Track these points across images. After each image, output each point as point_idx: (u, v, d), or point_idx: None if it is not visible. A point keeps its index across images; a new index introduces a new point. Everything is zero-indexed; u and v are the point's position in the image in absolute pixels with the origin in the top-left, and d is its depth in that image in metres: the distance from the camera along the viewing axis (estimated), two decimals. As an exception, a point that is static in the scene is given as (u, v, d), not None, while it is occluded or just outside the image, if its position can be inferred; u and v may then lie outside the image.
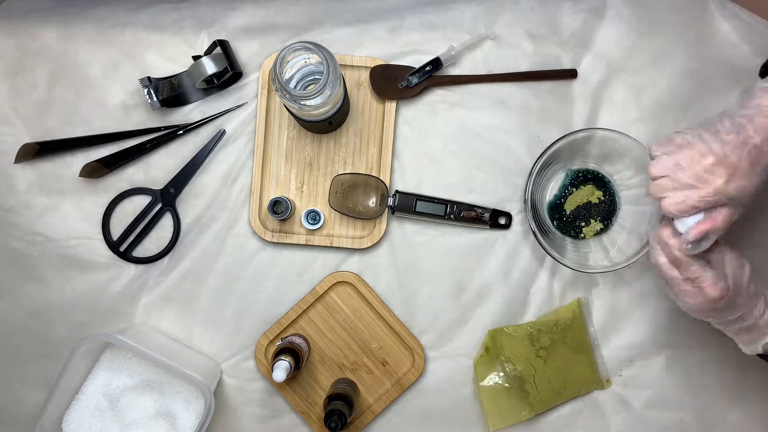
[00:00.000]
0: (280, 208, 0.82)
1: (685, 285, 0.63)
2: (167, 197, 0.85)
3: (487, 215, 0.84)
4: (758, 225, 0.84)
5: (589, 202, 0.85)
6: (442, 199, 0.84)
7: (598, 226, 0.85)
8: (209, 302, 0.86)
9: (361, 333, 0.86)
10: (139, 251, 0.86)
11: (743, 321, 0.66)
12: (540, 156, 0.80)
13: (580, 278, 0.86)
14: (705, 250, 0.63)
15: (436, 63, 0.83)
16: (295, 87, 0.75)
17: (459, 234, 0.86)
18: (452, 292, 0.86)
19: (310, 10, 0.85)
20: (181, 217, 0.86)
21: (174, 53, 0.85)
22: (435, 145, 0.85)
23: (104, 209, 0.85)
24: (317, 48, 0.67)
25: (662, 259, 0.65)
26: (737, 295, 0.64)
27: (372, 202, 0.84)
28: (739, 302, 0.64)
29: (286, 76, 0.72)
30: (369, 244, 0.84)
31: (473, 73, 0.85)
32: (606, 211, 0.85)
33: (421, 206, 0.84)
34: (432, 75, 0.84)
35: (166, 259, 0.86)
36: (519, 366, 0.83)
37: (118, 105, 0.85)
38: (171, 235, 0.85)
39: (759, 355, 0.69)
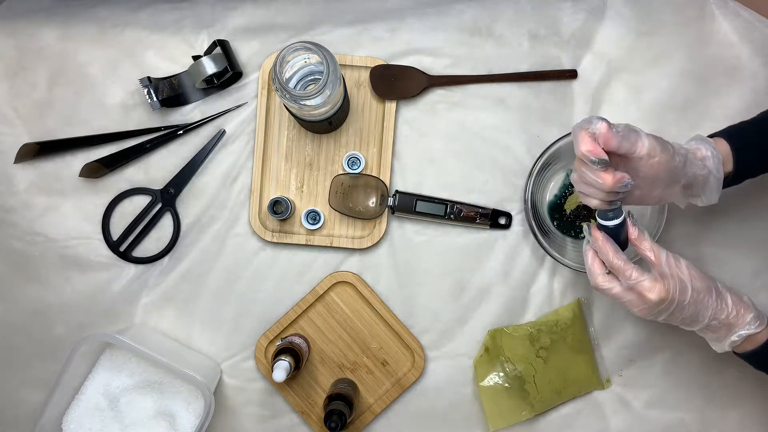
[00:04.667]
0: (280, 208, 0.82)
1: (629, 294, 0.64)
2: (167, 197, 0.85)
3: (487, 215, 0.84)
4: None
5: (589, 202, 0.85)
6: (442, 199, 0.84)
7: (598, 226, 0.85)
8: (209, 302, 0.86)
9: (361, 333, 0.86)
10: (139, 251, 0.86)
11: (701, 321, 0.65)
12: (540, 156, 0.80)
13: (580, 278, 0.86)
14: (640, 257, 0.66)
15: None
16: (295, 87, 0.75)
17: (459, 234, 0.86)
18: (452, 292, 0.86)
19: (310, 10, 0.85)
20: (181, 217, 0.85)
21: (174, 53, 0.85)
22: (435, 145, 0.85)
23: (104, 209, 0.85)
24: (317, 48, 0.67)
25: (600, 278, 0.66)
26: (683, 295, 0.63)
27: (372, 202, 0.84)
28: (688, 301, 0.64)
29: (286, 76, 0.72)
30: (369, 244, 0.84)
31: (473, 73, 0.85)
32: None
33: (421, 206, 0.83)
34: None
35: (166, 259, 0.86)
36: (519, 366, 0.83)
37: (117, 105, 0.85)
38: (171, 235, 0.85)
39: (736, 354, 0.69)
